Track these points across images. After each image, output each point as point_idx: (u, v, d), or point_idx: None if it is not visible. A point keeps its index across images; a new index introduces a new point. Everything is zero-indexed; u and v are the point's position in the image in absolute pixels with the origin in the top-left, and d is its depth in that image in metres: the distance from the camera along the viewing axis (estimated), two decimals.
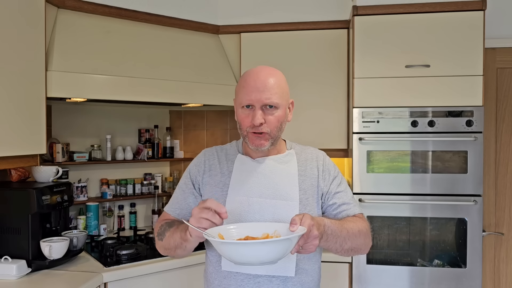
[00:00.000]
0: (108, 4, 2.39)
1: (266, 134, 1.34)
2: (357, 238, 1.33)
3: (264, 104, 1.31)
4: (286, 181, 1.38)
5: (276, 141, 1.39)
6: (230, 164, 1.43)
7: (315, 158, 1.46)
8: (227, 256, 1.12)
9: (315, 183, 1.41)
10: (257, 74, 1.34)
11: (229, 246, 1.10)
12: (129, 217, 2.94)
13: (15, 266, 1.90)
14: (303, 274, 1.36)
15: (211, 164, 1.45)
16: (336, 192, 1.42)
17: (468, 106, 2.33)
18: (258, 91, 1.31)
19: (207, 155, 1.49)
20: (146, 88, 2.39)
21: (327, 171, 1.44)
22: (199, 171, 1.46)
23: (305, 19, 2.74)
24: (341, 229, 1.28)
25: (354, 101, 2.41)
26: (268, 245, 1.07)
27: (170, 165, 3.20)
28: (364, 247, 1.39)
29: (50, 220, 2.16)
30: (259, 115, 1.31)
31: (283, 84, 1.37)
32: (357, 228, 1.34)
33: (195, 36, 2.76)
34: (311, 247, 1.15)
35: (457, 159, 2.34)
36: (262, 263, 1.11)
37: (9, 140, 1.87)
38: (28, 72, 1.97)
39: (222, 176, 1.42)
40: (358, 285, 2.40)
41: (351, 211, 1.41)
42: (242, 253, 1.09)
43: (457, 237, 2.39)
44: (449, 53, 2.33)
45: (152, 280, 2.16)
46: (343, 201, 1.41)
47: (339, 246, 1.29)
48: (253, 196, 1.36)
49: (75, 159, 2.64)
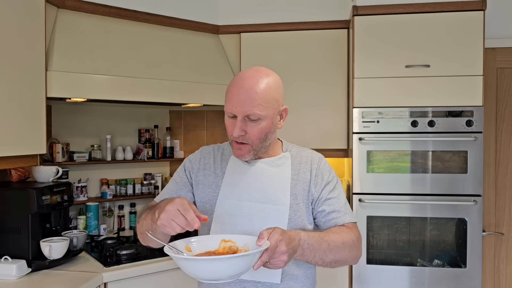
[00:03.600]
0: (108, 4, 2.39)
1: (247, 146, 1.29)
2: (340, 251, 1.27)
3: (246, 116, 1.26)
4: (277, 185, 1.34)
5: (260, 151, 1.34)
6: (224, 165, 1.40)
7: (310, 161, 1.40)
8: (186, 271, 1.09)
9: (307, 188, 1.36)
10: (242, 81, 1.27)
11: (183, 262, 1.07)
12: (129, 217, 2.93)
13: (15, 266, 1.90)
14: (292, 280, 1.32)
15: (206, 163, 1.43)
16: (327, 199, 1.35)
17: (468, 106, 2.33)
18: (241, 102, 1.24)
19: (203, 153, 1.47)
20: (146, 88, 2.39)
21: (320, 176, 1.38)
22: (194, 168, 1.43)
23: (305, 19, 2.74)
24: (320, 242, 1.23)
25: (354, 101, 2.41)
26: (224, 262, 1.05)
27: (170, 165, 3.20)
28: (351, 259, 1.33)
29: (50, 220, 2.16)
30: (238, 128, 1.26)
31: (272, 93, 1.27)
32: (341, 240, 1.27)
33: (195, 36, 2.76)
34: (279, 262, 1.11)
35: (457, 159, 2.34)
36: (220, 279, 1.08)
37: (9, 140, 1.87)
38: (28, 72, 1.97)
39: (215, 177, 1.40)
40: (358, 285, 2.40)
41: (340, 219, 1.34)
42: (198, 269, 1.06)
43: (457, 237, 2.39)
44: (449, 53, 2.33)
45: (152, 280, 2.16)
46: (333, 209, 1.35)
47: (319, 260, 1.24)
48: (243, 200, 1.33)
49: (75, 159, 2.64)
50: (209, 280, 1.10)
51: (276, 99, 1.30)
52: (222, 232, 1.31)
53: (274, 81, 1.30)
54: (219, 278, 1.09)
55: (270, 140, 1.34)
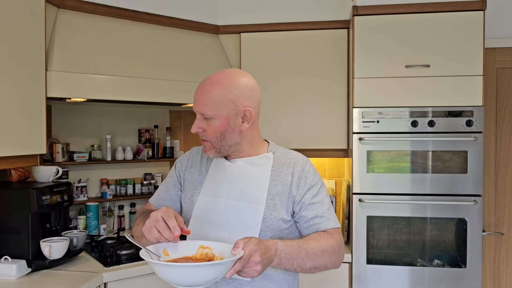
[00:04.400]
0: (108, 4, 2.39)
1: (207, 142, 1.37)
2: (319, 258, 1.28)
3: (201, 114, 1.33)
4: (255, 184, 1.35)
5: (223, 149, 1.36)
6: (209, 164, 1.45)
7: (293, 163, 1.39)
8: (160, 277, 1.11)
9: (287, 189, 1.36)
10: (203, 81, 1.35)
11: (156, 266, 1.10)
12: (129, 217, 2.93)
13: (15, 266, 1.90)
14: (265, 279, 1.33)
15: (193, 162, 1.49)
16: (309, 203, 1.35)
17: (468, 106, 2.33)
18: (196, 100, 1.34)
19: (193, 152, 1.53)
20: (146, 88, 2.39)
21: (304, 179, 1.37)
22: (182, 166, 1.50)
23: (305, 19, 2.74)
24: (298, 251, 1.24)
25: (354, 101, 2.41)
26: (196, 269, 1.07)
27: (170, 165, 3.20)
28: (331, 265, 1.33)
29: (50, 220, 2.16)
30: (195, 124, 1.35)
31: (225, 93, 1.30)
32: (320, 247, 1.28)
33: (195, 36, 2.76)
34: (252, 272, 1.13)
35: (457, 159, 2.34)
36: (192, 285, 1.10)
37: (9, 140, 1.87)
38: (28, 72, 1.97)
39: (199, 175, 1.45)
40: (358, 285, 2.40)
41: (323, 225, 1.34)
42: (169, 274, 1.09)
43: (457, 237, 2.39)
44: (449, 53, 2.33)
45: (152, 280, 2.16)
46: (316, 214, 1.34)
47: (297, 267, 1.25)
48: (220, 197, 1.36)
49: (75, 159, 2.64)
50: (183, 286, 1.11)
51: (230, 100, 1.31)
52: (200, 227, 1.35)
53: (233, 82, 1.32)
54: (194, 284, 1.10)
55: (233, 141, 1.35)
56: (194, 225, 1.37)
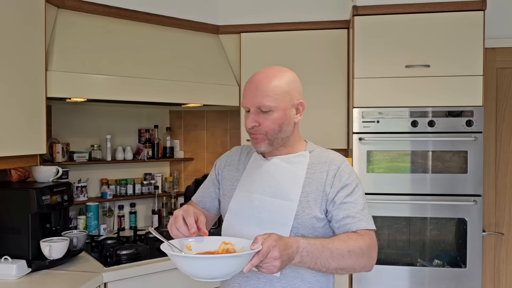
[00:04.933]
0: (108, 4, 2.39)
1: (261, 136, 1.36)
2: (345, 259, 1.25)
3: (258, 107, 1.33)
4: (289, 181, 1.37)
5: (277, 142, 1.37)
6: (247, 161, 1.48)
7: (329, 162, 1.39)
8: (180, 269, 1.14)
9: (321, 187, 1.35)
10: (254, 77, 1.36)
11: (175, 259, 1.13)
12: (129, 217, 2.93)
13: (15, 266, 1.90)
14: (297, 278, 1.32)
15: (231, 160, 1.52)
16: (342, 203, 1.34)
17: (468, 106, 2.33)
18: (252, 94, 1.34)
19: (232, 151, 1.56)
20: (146, 88, 2.39)
21: (338, 177, 1.36)
22: (221, 165, 1.54)
23: (305, 19, 2.74)
24: (321, 250, 1.22)
25: (354, 101, 2.41)
26: (208, 261, 1.11)
27: (170, 165, 3.20)
28: (360, 267, 1.31)
29: (50, 220, 2.16)
30: (250, 119, 1.34)
31: (281, 85, 1.34)
32: (346, 248, 1.26)
33: (195, 36, 2.76)
34: (271, 267, 1.13)
35: (457, 159, 2.34)
36: (212, 278, 1.12)
37: (9, 140, 1.87)
38: (28, 72, 1.97)
39: (236, 172, 1.48)
40: (358, 285, 2.40)
41: (354, 225, 1.32)
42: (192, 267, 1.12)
43: (457, 237, 2.39)
44: (449, 53, 2.33)
45: (152, 280, 2.16)
46: (347, 214, 1.33)
47: (321, 267, 1.23)
48: (255, 192, 1.38)
49: (75, 159, 2.64)
50: (202, 278, 1.13)
51: (287, 92, 1.36)
52: (235, 221, 1.38)
53: (284, 76, 1.38)
54: (212, 277, 1.12)
55: (287, 133, 1.39)
56: (229, 220, 1.40)
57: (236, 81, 2.80)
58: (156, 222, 2.95)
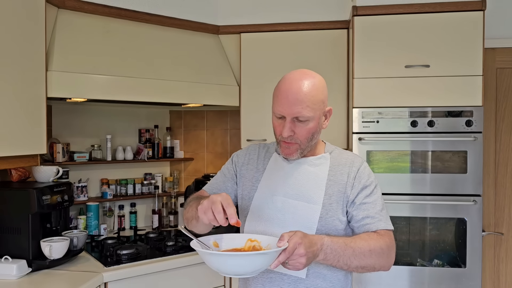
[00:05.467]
0: (108, 4, 2.39)
1: (295, 145, 1.35)
2: (366, 257, 1.27)
3: (295, 117, 1.31)
4: (312, 184, 1.37)
5: (306, 150, 1.38)
6: (266, 161, 1.47)
7: (349, 164, 1.41)
8: (210, 265, 1.16)
9: (343, 189, 1.37)
10: (291, 83, 1.31)
11: (205, 256, 1.15)
12: (129, 217, 2.94)
13: (16, 266, 1.90)
14: (319, 278, 1.34)
15: (250, 158, 1.51)
16: (361, 203, 1.36)
17: (468, 106, 2.33)
18: (289, 103, 1.29)
19: (250, 149, 1.54)
20: (146, 88, 2.39)
21: (358, 179, 1.38)
22: (239, 162, 1.52)
23: (305, 19, 2.74)
24: (344, 248, 1.24)
25: (354, 101, 2.41)
26: (241, 258, 1.12)
27: (170, 165, 3.21)
28: (379, 266, 1.32)
29: (50, 220, 2.16)
30: (287, 128, 1.31)
31: (319, 94, 1.33)
32: (367, 247, 1.28)
33: (195, 36, 2.76)
34: (297, 264, 1.15)
35: (457, 159, 2.35)
36: (240, 274, 1.16)
37: (10, 140, 1.88)
38: (28, 72, 1.98)
39: (256, 172, 1.47)
40: (358, 285, 2.40)
41: (373, 225, 1.34)
42: (221, 263, 1.14)
43: (456, 237, 2.39)
44: (448, 53, 2.34)
45: (152, 280, 2.17)
46: (367, 214, 1.35)
47: (343, 265, 1.26)
48: (277, 195, 1.38)
49: (76, 159, 2.64)
50: (230, 275, 1.16)
51: (322, 101, 1.36)
52: (257, 222, 1.38)
53: (320, 83, 1.36)
54: (240, 273, 1.16)
55: (316, 140, 1.40)
56: (252, 221, 1.39)
57: (236, 81, 2.81)
58: (156, 222, 2.95)
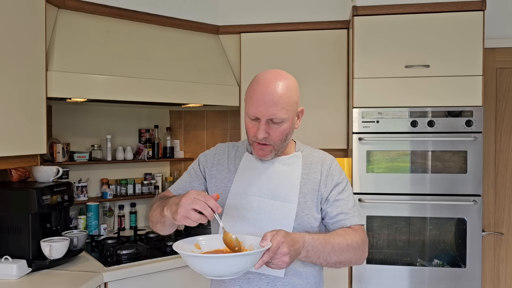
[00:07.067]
0: (108, 4, 2.39)
1: (269, 146, 1.35)
2: (344, 252, 1.30)
3: (270, 119, 1.30)
4: (286, 183, 1.38)
5: (280, 150, 1.39)
6: (238, 161, 1.45)
7: (321, 162, 1.43)
8: (193, 268, 1.16)
9: (316, 187, 1.39)
10: (265, 85, 1.29)
11: (187, 258, 1.15)
12: (129, 217, 2.94)
13: (16, 266, 1.90)
14: (296, 276, 1.35)
15: (220, 159, 1.48)
16: (335, 200, 1.39)
17: (468, 106, 2.33)
18: (265, 105, 1.28)
19: (218, 149, 1.52)
20: (146, 88, 2.39)
21: (331, 176, 1.41)
22: (208, 163, 1.49)
23: (305, 19, 2.74)
24: (324, 245, 1.27)
25: (354, 101, 2.42)
26: (226, 260, 1.12)
27: (170, 165, 3.21)
28: (355, 260, 1.36)
29: (50, 220, 2.16)
30: (262, 130, 1.30)
31: (293, 96, 1.32)
32: (345, 242, 1.31)
33: (195, 36, 2.76)
34: (280, 263, 1.16)
35: (457, 159, 2.35)
36: (224, 275, 1.15)
37: (10, 140, 1.88)
38: (28, 72, 1.98)
39: (228, 172, 1.45)
40: (358, 285, 2.40)
41: (347, 221, 1.37)
42: (204, 266, 1.13)
43: (456, 237, 2.39)
44: (448, 53, 2.34)
45: (152, 280, 2.17)
46: (340, 211, 1.38)
47: (323, 261, 1.28)
48: (252, 195, 1.38)
49: (76, 159, 2.64)
50: (214, 277, 1.16)
51: (296, 102, 1.35)
52: (233, 223, 1.37)
53: (294, 84, 1.35)
54: (223, 275, 1.15)
55: (289, 140, 1.41)
56: (227, 222, 1.38)
57: (236, 81, 2.81)
58: None
